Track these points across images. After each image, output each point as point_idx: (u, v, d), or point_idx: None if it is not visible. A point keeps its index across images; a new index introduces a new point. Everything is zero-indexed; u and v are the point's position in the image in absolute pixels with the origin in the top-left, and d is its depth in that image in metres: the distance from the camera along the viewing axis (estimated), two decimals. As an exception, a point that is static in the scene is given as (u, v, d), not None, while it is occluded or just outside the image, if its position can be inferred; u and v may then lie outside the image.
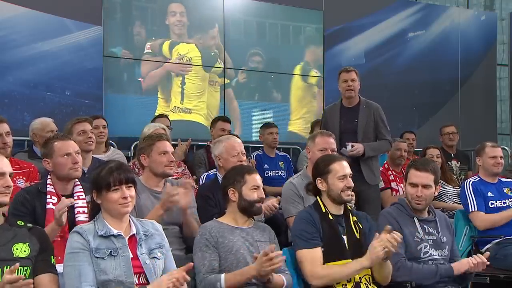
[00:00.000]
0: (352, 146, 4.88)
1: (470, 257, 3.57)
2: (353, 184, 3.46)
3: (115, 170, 2.79)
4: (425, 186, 3.56)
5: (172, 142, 5.75)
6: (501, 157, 4.79)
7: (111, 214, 2.80)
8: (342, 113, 5.19)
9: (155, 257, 2.82)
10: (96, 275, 2.67)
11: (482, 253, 4.06)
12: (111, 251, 2.71)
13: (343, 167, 3.45)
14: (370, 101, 5.23)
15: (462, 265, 3.52)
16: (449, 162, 6.41)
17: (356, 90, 5.17)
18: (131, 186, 2.82)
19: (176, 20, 7.15)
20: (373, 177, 5.02)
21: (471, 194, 4.64)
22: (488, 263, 3.49)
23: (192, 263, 2.82)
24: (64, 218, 3.17)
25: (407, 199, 3.65)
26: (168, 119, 6.02)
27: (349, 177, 3.45)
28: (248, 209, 3.32)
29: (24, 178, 4.29)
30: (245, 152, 4.19)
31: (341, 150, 4.84)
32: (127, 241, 2.78)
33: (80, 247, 2.69)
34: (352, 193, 3.48)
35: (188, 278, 2.64)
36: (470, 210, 4.62)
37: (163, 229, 3.02)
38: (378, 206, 4.95)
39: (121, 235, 2.77)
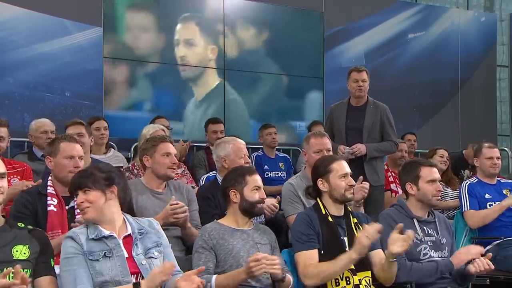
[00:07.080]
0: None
1: (474, 260, 3.51)
2: (354, 183, 3.49)
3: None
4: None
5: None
6: (497, 158, 4.76)
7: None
8: (349, 112, 5.16)
9: (152, 257, 2.82)
10: (92, 277, 2.67)
11: (482, 255, 4.05)
12: (105, 253, 2.72)
13: (343, 166, 3.48)
14: (378, 101, 5.19)
15: (460, 257, 3.51)
16: (462, 171, 6.40)
17: (366, 91, 5.13)
18: None
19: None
20: (376, 178, 4.99)
21: (465, 195, 4.66)
22: (493, 267, 3.47)
23: (204, 267, 2.91)
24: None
25: (424, 198, 3.62)
26: (167, 120, 6.02)
27: (350, 176, 3.47)
28: (249, 210, 3.33)
29: (19, 177, 4.30)
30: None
31: (344, 151, 4.86)
32: (120, 240, 2.78)
33: (73, 251, 2.69)
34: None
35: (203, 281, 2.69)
36: (463, 210, 4.64)
37: (163, 229, 3.02)
38: (381, 208, 4.92)
39: (112, 235, 2.77)
